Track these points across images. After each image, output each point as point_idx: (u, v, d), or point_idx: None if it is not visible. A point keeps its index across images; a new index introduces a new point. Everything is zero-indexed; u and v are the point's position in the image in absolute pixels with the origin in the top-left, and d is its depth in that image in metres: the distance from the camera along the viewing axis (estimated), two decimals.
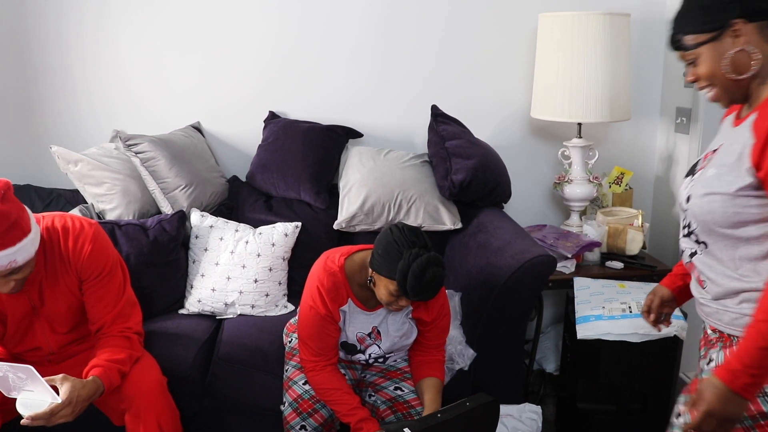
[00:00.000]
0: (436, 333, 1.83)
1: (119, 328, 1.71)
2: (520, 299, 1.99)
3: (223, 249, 2.24)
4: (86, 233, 1.68)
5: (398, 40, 2.66)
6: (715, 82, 1.19)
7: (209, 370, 1.99)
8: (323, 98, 2.67)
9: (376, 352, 1.82)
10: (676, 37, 1.22)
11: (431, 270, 1.55)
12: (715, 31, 1.15)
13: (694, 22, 1.18)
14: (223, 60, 2.61)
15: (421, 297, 1.59)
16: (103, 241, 1.73)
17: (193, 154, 2.44)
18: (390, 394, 1.80)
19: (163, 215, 2.28)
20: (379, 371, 1.88)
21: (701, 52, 1.18)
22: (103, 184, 2.29)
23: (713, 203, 1.16)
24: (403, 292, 1.58)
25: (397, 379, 1.84)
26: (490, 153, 2.46)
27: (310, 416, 1.74)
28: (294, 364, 1.83)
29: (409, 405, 1.77)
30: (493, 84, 2.73)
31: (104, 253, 1.71)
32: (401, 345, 1.82)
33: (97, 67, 2.56)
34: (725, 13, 1.14)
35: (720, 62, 1.16)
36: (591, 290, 2.22)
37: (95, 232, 1.70)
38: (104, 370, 1.60)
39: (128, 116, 2.60)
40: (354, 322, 1.77)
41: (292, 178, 2.46)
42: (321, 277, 1.72)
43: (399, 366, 1.88)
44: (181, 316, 2.20)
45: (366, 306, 1.76)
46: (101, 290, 1.71)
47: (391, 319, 1.79)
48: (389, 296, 1.63)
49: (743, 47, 1.13)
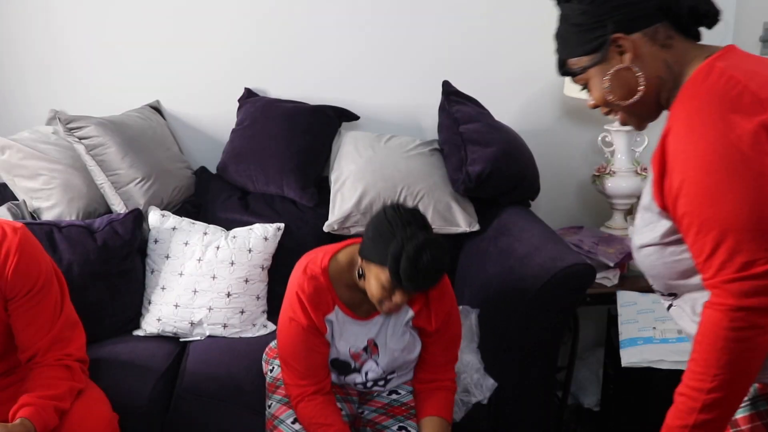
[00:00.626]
0: (443, 346, 1.83)
1: (57, 356, 1.69)
2: (550, 317, 1.99)
3: (189, 256, 2.24)
4: (10, 241, 1.64)
5: (403, 3, 2.65)
6: (612, 107, 1.22)
7: (170, 404, 1.98)
8: (311, 73, 2.67)
9: (373, 371, 1.82)
10: (561, 62, 1.25)
11: (429, 252, 1.55)
12: (595, 51, 1.16)
13: (573, 44, 1.20)
14: (188, 26, 2.61)
15: (418, 285, 1.60)
16: (33, 249, 1.70)
17: (152, 139, 2.44)
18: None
19: (114, 215, 2.28)
20: (381, 406, 1.87)
21: (590, 76, 1.20)
22: (39, 176, 2.28)
23: (650, 256, 1.19)
24: (397, 280, 1.58)
25: (402, 417, 1.83)
26: (515, 139, 2.47)
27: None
28: (279, 398, 1.82)
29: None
30: (517, 55, 2.73)
31: (35, 265, 1.68)
32: (403, 360, 1.82)
33: (31, 34, 2.56)
34: (600, 29, 1.15)
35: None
36: (638, 307, 2.21)
37: (22, 238, 1.67)
38: (36, 410, 1.57)
39: (70, 94, 2.60)
40: (345, 334, 1.78)
41: (272, 169, 2.46)
42: (301, 283, 1.73)
43: (404, 400, 1.88)
44: (136, 339, 2.20)
45: (357, 313, 1.77)
46: (32, 310, 1.68)
47: (391, 330, 1.79)
48: (381, 290, 1.63)
49: (629, 65, 1.14)
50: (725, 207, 1.00)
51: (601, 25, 1.14)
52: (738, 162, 0.99)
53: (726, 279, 1.02)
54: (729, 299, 1.02)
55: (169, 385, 2.02)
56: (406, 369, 1.87)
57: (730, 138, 1.00)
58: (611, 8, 1.13)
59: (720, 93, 1.04)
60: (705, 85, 1.06)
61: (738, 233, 1.00)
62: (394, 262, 1.56)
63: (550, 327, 2.00)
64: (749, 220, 0.99)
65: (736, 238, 1.00)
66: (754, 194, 0.99)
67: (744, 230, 0.99)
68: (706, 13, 1.15)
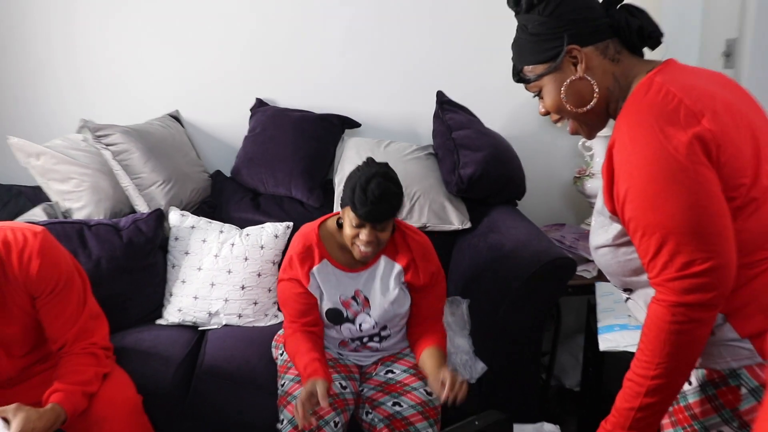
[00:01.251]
0: (431, 302, 1.90)
1: (83, 345, 1.69)
2: (535, 307, 1.99)
3: (206, 252, 2.24)
4: (31, 246, 1.62)
5: (400, 18, 2.65)
6: (564, 114, 1.21)
7: (190, 386, 1.98)
8: (316, 84, 2.67)
9: (367, 322, 1.85)
10: (516, 69, 1.25)
11: (376, 180, 1.65)
12: (551, 60, 1.16)
13: (530, 52, 1.20)
14: (205, 41, 2.61)
15: (369, 211, 1.66)
16: (53, 250, 1.68)
17: (172, 146, 2.44)
18: (388, 411, 1.81)
19: (138, 214, 2.27)
20: (378, 384, 1.88)
21: (544, 84, 1.20)
22: (70, 179, 2.28)
23: (605, 256, 1.21)
24: (354, 210, 1.68)
25: (397, 393, 1.84)
26: (502, 144, 2.47)
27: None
28: (291, 378, 1.84)
29: (408, 422, 1.78)
30: (505, 68, 2.68)
31: (56, 265, 1.66)
32: (394, 313, 1.86)
33: (64, 49, 2.55)
34: (556, 40, 1.15)
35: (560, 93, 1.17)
36: (615, 297, 2.21)
37: (42, 242, 1.64)
38: (65, 395, 1.57)
39: (98, 104, 2.60)
40: (333, 283, 1.84)
41: (281, 173, 2.46)
42: (294, 244, 1.85)
43: (398, 378, 1.89)
44: (158, 327, 2.20)
45: (345, 266, 1.85)
46: (58, 306, 1.67)
47: (378, 283, 1.85)
48: (351, 229, 1.73)
49: (584, 75, 1.14)
50: (666, 213, 1.02)
51: (558, 37, 1.14)
52: (676, 171, 1.00)
53: (668, 278, 1.03)
54: (671, 296, 1.03)
55: (189, 369, 2.03)
56: (398, 325, 1.90)
57: (668, 149, 1.01)
58: (568, 21, 1.13)
59: (658, 107, 1.04)
60: (645, 100, 1.07)
61: (677, 236, 1.01)
62: (351, 194, 1.69)
63: (535, 315, 2.01)
64: (687, 225, 1.01)
65: (676, 240, 1.01)
66: (691, 201, 1.01)
67: (683, 233, 1.01)
68: (651, 34, 1.16)
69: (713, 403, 1.15)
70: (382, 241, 1.77)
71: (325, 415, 1.73)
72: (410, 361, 1.92)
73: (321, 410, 1.72)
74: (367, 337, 1.88)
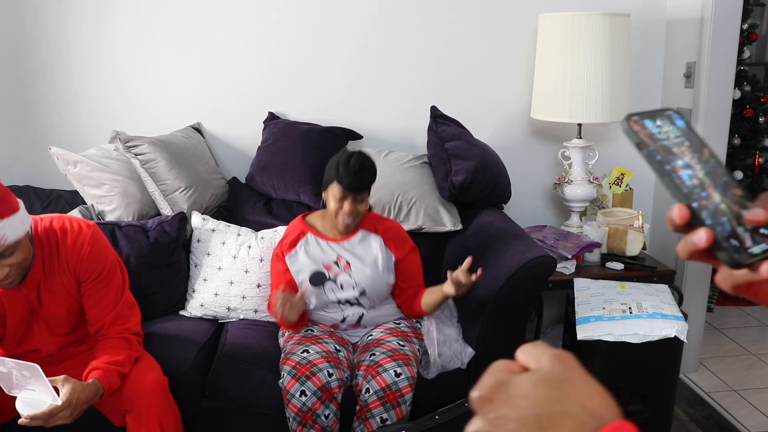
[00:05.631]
0: (413, 269, 2.04)
1: (118, 330, 1.73)
2: (520, 300, 2.00)
3: (226, 253, 2.25)
4: (84, 235, 1.69)
5: (398, 41, 2.67)
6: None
7: (210, 370, 1.99)
8: (323, 100, 2.68)
9: (347, 283, 1.94)
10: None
11: (356, 156, 1.86)
12: None
13: None
14: (222, 61, 2.63)
15: (351, 180, 1.83)
16: (102, 242, 1.74)
17: (193, 155, 2.45)
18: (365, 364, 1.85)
19: (163, 216, 2.29)
20: (361, 349, 1.96)
21: None
22: (103, 185, 2.30)
23: None
24: (338, 181, 1.84)
25: (372, 348, 1.91)
26: (490, 154, 2.48)
27: (308, 379, 1.79)
28: (291, 344, 1.92)
29: (378, 365, 1.82)
30: (492, 85, 2.75)
31: (103, 255, 1.72)
32: (375, 278, 1.96)
33: (97, 68, 2.58)
34: None
35: None
36: (591, 291, 2.23)
37: (94, 233, 1.71)
38: (104, 373, 1.61)
39: (128, 117, 2.61)
40: (317, 250, 1.98)
41: (291, 179, 2.47)
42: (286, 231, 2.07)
43: (377, 337, 1.95)
44: (181, 318, 2.21)
45: (328, 236, 2.01)
46: (100, 292, 1.72)
47: (360, 250, 1.98)
48: (335, 202, 1.89)
49: None
50: None
51: None
52: None
53: None
54: None
55: (208, 355, 2.04)
56: (380, 293, 1.99)
57: None
58: None
59: None
60: None
61: None
62: (335, 170, 1.86)
63: (519, 307, 2.02)
64: None
65: None
66: None
67: None
68: None
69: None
70: (360, 213, 1.92)
71: (318, 364, 1.79)
72: (388, 326, 1.99)
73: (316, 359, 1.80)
74: (349, 302, 1.96)
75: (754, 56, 3.89)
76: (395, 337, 1.92)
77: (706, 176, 0.53)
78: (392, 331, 1.96)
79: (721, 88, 2.52)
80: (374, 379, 1.80)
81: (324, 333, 1.96)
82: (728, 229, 0.51)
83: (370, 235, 2.01)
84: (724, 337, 3.16)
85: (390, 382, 1.79)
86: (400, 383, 1.79)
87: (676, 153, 0.54)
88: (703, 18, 2.52)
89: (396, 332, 1.95)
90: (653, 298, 2.18)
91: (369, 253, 1.99)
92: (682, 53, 2.66)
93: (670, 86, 2.75)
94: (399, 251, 2.02)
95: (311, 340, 1.91)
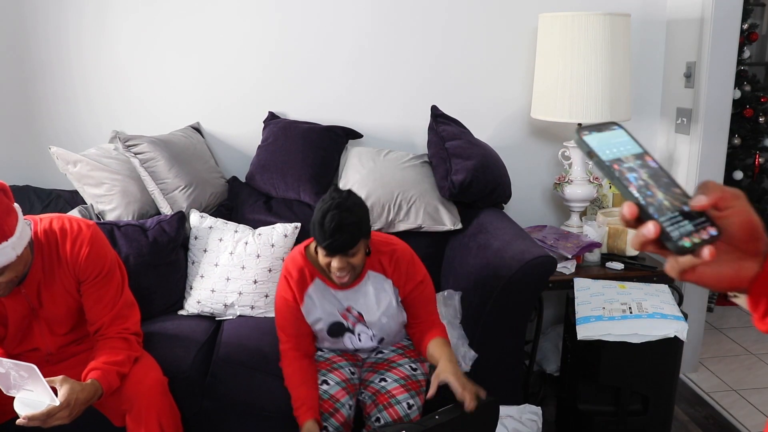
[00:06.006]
0: (423, 303, 1.81)
1: (117, 329, 1.72)
2: (520, 300, 1.99)
3: (223, 250, 2.24)
4: (84, 235, 1.69)
5: (398, 40, 2.67)
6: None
7: (209, 370, 1.99)
8: (323, 99, 2.68)
9: (365, 332, 1.82)
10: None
11: (331, 214, 1.56)
12: None
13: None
14: (222, 60, 2.62)
15: (330, 245, 1.58)
16: (101, 242, 1.74)
17: (193, 154, 2.44)
18: (375, 387, 1.79)
19: (162, 216, 2.28)
20: (369, 365, 1.88)
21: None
22: (103, 184, 2.29)
23: None
24: (319, 244, 1.60)
25: (383, 370, 1.84)
26: (490, 154, 2.47)
27: (332, 416, 1.74)
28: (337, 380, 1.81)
29: (390, 395, 1.76)
30: (493, 84, 2.74)
31: (102, 255, 1.72)
32: (388, 324, 1.81)
33: (97, 67, 2.57)
34: None
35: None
36: (591, 291, 2.22)
37: (93, 233, 1.71)
38: (103, 373, 1.60)
39: (127, 117, 2.61)
40: (328, 299, 1.79)
41: (291, 178, 2.46)
42: (287, 267, 1.79)
43: (387, 357, 1.87)
44: (180, 317, 2.21)
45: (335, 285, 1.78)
46: (99, 291, 1.72)
47: (371, 297, 1.78)
48: (324, 259, 1.65)
49: None
50: None
51: None
52: None
53: None
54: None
55: (207, 354, 2.03)
56: (396, 336, 1.87)
57: None
58: None
59: None
60: None
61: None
62: (312, 231, 1.61)
63: (519, 307, 2.01)
64: None
65: None
66: None
67: None
68: None
69: None
70: (356, 266, 1.67)
71: (341, 398, 1.75)
72: (400, 343, 1.91)
73: (337, 393, 1.73)
74: (366, 353, 1.86)
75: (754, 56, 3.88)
76: (407, 359, 1.84)
77: (650, 178, 0.62)
78: (405, 351, 1.88)
79: (721, 88, 2.52)
80: (386, 410, 1.74)
81: (335, 354, 1.89)
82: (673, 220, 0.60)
83: (377, 276, 1.79)
84: (724, 337, 3.15)
85: (402, 415, 1.73)
86: (411, 414, 1.75)
87: (622, 159, 0.63)
88: (703, 18, 2.51)
89: (409, 352, 1.87)
90: (653, 298, 2.17)
91: (381, 298, 1.78)
92: (682, 53, 2.65)
93: (670, 86, 2.74)
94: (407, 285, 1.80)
95: (326, 366, 1.82)
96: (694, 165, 2.60)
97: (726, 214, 0.60)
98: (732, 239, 0.61)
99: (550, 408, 2.49)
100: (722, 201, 0.60)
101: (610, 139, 0.64)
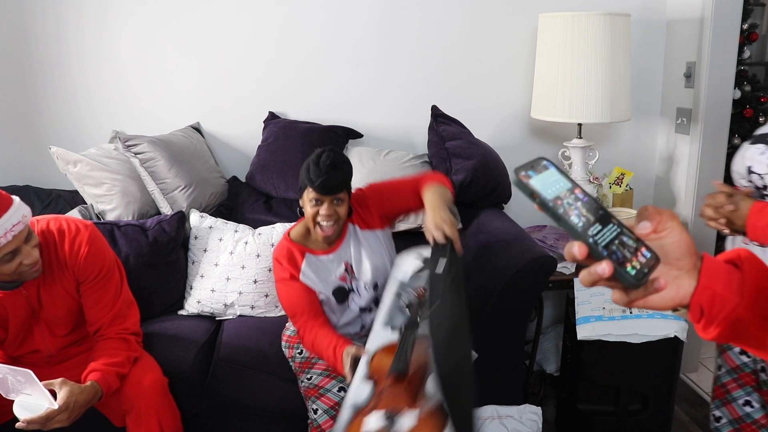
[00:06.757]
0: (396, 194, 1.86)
1: (116, 330, 1.72)
2: (520, 300, 1.99)
3: (223, 250, 2.24)
4: (82, 235, 1.69)
5: (399, 40, 2.66)
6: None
7: (209, 370, 1.99)
8: (323, 99, 2.67)
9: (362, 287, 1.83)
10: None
11: (326, 154, 1.68)
12: None
13: None
14: (222, 60, 2.62)
15: (323, 181, 1.66)
16: (100, 242, 1.74)
17: (193, 154, 2.44)
18: None
19: (162, 216, 2.28)
20: None
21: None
22: (103, 184, 2.29)
23: None
24: (311, 184, 1.67)
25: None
26: (490, 153, 2.47)
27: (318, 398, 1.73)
28: (319, 372, 1.81)
29: None
30: (493, 84, 2.74)
31: (101, 255, 1.72)
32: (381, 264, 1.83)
33: (97, 67, 2.56)
34: None
35: None
36: (591, 291, 2.21)
37: (91, 233, 1.71)
38: (102, 375, 1.60)
39: (127, 117, 2.60)
40: (325, 269, 1.81)
41: (291, 178, 2.46)
42: (276, 256, 1.83)
43: None
44: (180, 317, 2.20)
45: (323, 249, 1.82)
46: (99, 292, 1.72)
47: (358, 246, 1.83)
48: (311, 208, 1.71)
49: None
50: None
51: None
52: None
53: None
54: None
55: (208, 354, 2.03)
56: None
57: None
58: None
59: None
60: None
61: None
62: (306, 172, 1.69)
63: (519, 307, 2.01)
64: None
65: None
66: None
67: None
68: None
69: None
70: (341, 216, 1.74)
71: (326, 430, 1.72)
72: None
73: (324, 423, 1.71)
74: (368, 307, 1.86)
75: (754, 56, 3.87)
76: None
77: (588, 212, 0.61)
78: None
79: (721, 88, 2.51)
80: None
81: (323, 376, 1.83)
82: (620, 256, 0.60)
83: (361, 230, 1.86)
84: None
85: None
86: None
87: (561, 196, 0.62)
88: (703, 18, 2.50)
89: None
90: None
91: (369, 247, 1.85)
92: (682, 53, 2.65)
93: (670, 86, 2.74)
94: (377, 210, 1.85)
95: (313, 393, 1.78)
96: (694, 165, 2.59)
97: (662, 235, 0.64)
98: (668, 258, 0.64)
99: (549, 408, 2.48)
100: (660, 224, 0.64)
101: (547, 178, 0.63)
